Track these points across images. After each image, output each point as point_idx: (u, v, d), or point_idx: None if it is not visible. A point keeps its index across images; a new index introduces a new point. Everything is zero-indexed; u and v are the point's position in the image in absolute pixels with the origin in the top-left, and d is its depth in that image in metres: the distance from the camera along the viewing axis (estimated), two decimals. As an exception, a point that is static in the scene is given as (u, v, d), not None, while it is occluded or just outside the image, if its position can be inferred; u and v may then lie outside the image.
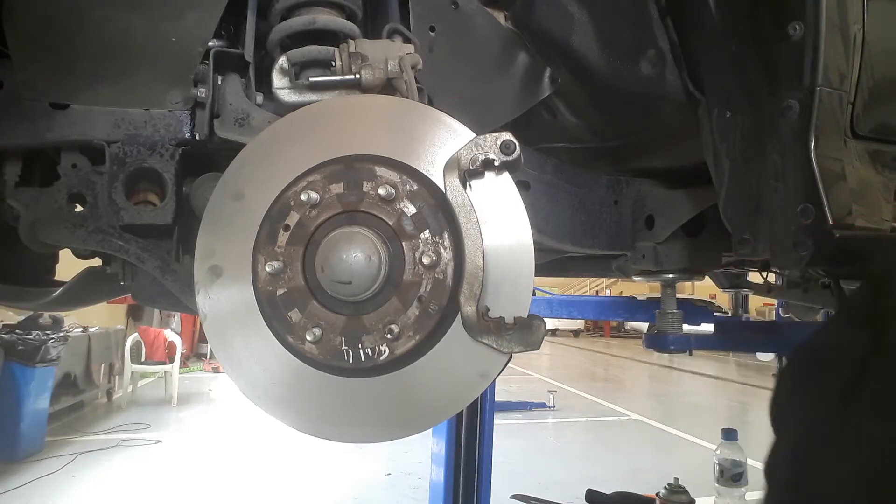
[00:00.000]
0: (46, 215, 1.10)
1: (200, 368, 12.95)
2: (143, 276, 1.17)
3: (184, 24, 1.05)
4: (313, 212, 0.91)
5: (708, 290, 7.39)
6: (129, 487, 5.81)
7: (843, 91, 1.12)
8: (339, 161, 0.92)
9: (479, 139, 0.91)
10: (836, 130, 1.13)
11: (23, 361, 6.51)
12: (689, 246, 1.89)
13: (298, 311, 0.91)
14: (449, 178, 0.89)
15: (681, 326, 2.64)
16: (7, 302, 1.59)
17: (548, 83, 1.40)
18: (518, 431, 7.92)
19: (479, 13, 1.31)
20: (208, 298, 0.91)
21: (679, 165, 1.69)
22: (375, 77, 0.98)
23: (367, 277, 0.87)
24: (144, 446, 7.20)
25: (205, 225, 0.93)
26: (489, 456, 3.55)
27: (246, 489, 5.87)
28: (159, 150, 1.09)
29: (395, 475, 6.28)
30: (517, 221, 0.93)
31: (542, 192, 1.65)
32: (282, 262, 0.90)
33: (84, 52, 1.06)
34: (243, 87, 1.08)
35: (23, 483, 5.70)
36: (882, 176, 1.21)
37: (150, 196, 1.12)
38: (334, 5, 1.12)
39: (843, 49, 1.12)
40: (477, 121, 1.15)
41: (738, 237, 1.21)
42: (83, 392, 8.72)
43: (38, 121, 1.08)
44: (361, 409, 0.92)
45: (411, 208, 0.92)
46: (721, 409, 10.62)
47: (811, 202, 1.08)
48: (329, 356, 0.91)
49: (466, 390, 0.91)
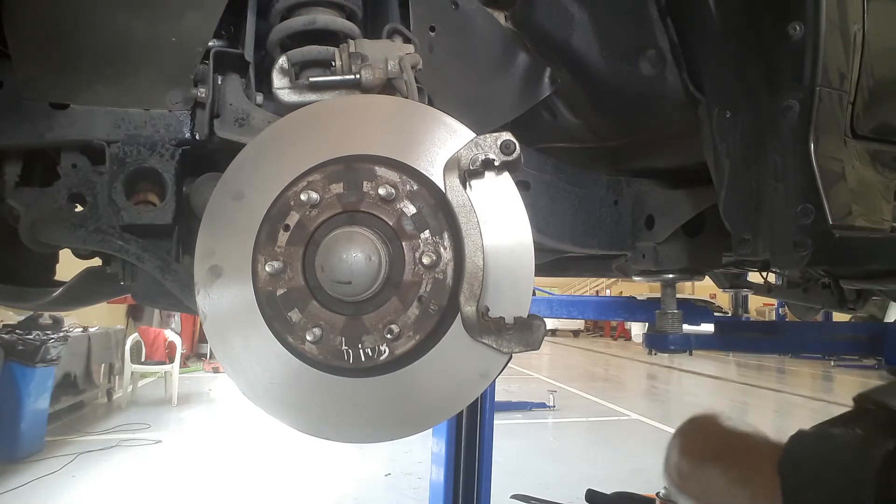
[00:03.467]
0: (46, 215, 1.10)
1: (200, 368, 12.95)
2: (143, 276, 1.17)
3: (184, 24, 1.05)
4: (313, 212, 0.91)
5: (708, 290, 7.39)
6: (129, 487, 5.81)
7: (843, 91, 1.12)
8: (339, 161, 0.92)
9: (480, 139, 0.91)
10: (836, 130, 1.13)
11: (23, 361, 6.51)
12: (689, 246, 1.89)
13: (298, 311, 0.91)
14: (449, 178, 0.89)
15: (681, 326, 2.64)
16: (7, 302, 1.59)
17: (548, 83, 1.40)
18: (518, 431, 7.92)
19: (479, 13, 1.31)
20: (208, 298, 0.91)
21: (679, 165, 1.69)
22: (375, 77, 0.98)
23: (367, 277, 0.87)
24: (144, 446, 7.20)
25: (205, 225, 0.92)
26: (489, 456, 3.55)
27: (246, 489, 5.87)
28: (159, 150, 1.09)
29: (395, 475, 6.28)
30: (517, 221, 0.93)
31: (542, 192, 1.65)
32: (282, 262, 0.90)
33: (84, 52, 1.06)
34: (243, 87, 1.08)
35: (23, 483, 5.70)
36: (882, 176, 1.21)
37: (150, 196, 1.11)
38: (334, 5, 1.12)
39: (843, 49, 1.12)
40: (477, 121, 1.15)
41: (738, 237, 1.21)
42: (83, 392, 8.72)
43: (38, 121, 1.07)
44: (361, 409, 0.92)
45: (411, 208, 0.92)
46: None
47: (811, 202, 1.08)
48: (329, 356, 0.91)
49: (466, 390, 0.91)
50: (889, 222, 1.18)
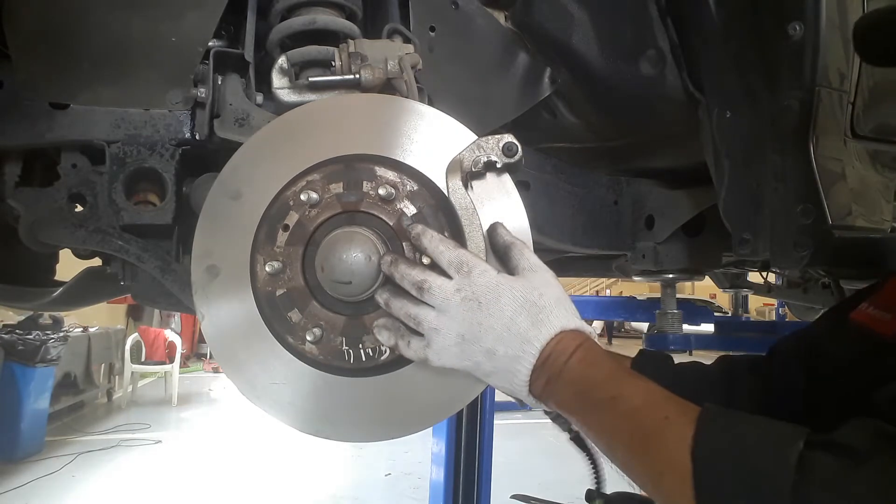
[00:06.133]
0: (46, 215, 1.10)
1: (200, 368, 12.94)
2: (143, 276, 1.17)
3: (184, 24, 1.05)
4: (313, 212, 0.91)
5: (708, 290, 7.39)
6: (129, 487, 5.81)
7: (843, 91, 1.12)
8: (339, 161, 0.92)
9: (482, 141, 0.91)
10: (836, 130, 1.13)
11: (23, 361, 6.50)
12: (689, 246, 1.89)
13: (298, 311, 0.91)
14: (451, 180, 0.89)
15: (681, 326, 2.64)
16: (7, 302, 1.59)
17: (548, 83, 1.40)
18: (518, 431, 7.91)
19: (479, 13, 1.31)
20: (206, 299, 0.91)
21: (679, 165, 1.69)
22: (375, 77, 0.98)
23: (367, 277, 0.87)
24: (144, 446, 7.20)
25: (202, 225, 0.92)
26: (489, 456, 3.55)
27: (246, 489, 5.87)
28: (159, 150, 1.09)
29: (395, 475, 6.28)
30: (517, 222, 0.93)
31: (542, 193, 1.65)
32: (281, 263, 0.90)
33: (84, 52, 1.06)
34: (243, 87, 1.08)
35: (23, 483, 5.70)
36: (882, 176, 1.21)
37: (150, 196, 1.11)
38: (334, 5, 1.12)
39: (843, 49, 1.12)
40: (477, 121, 1.15)
41: (738, 237, 1.21)
42: (83, 392, 8.71)
43: (38, 121, 1.07)
44: (362, 409, 0.92)
45: (411, 208, 0.92)
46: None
47: (811, 202, 1.08)
48: (329, 356, 0.91)
49: (466, 390, 0.91)
50: (889, 222, 1.18)
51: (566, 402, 0.82)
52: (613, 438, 0.80)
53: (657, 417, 0.75)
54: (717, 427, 0.72)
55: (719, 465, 0.68)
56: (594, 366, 0.82)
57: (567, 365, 0.81)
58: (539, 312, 0.82)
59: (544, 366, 0.81)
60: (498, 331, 0.81)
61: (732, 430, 0.71)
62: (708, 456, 0.69)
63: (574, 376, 0.81)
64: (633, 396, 0.78)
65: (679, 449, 0.70)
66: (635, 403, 0.77)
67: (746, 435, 0.70)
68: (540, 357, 0.81)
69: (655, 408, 0.76)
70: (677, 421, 0.73)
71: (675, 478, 0.70)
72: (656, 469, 0.73)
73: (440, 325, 0.82)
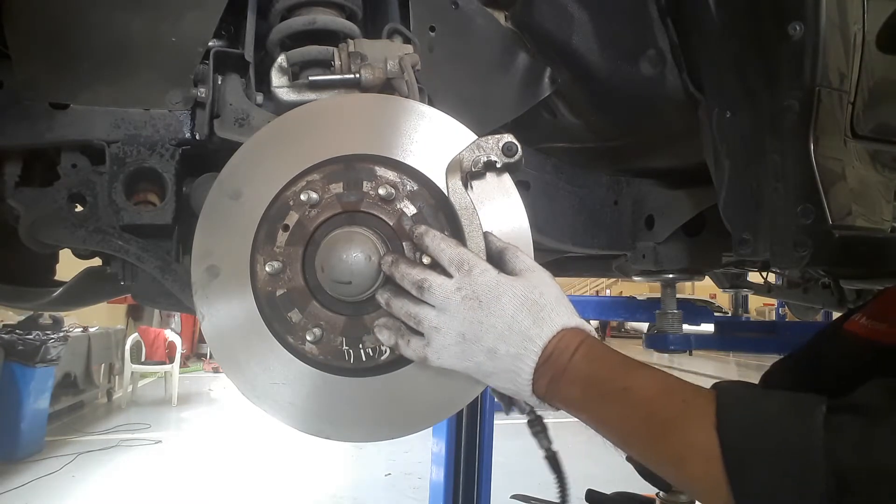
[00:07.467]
0: (46, 215, 1.10)
1: (200, 368, 12.94)
2: (143, 276, 1.17)
3: (184, 24, 1.05)
4: (313, 212, 0.91)
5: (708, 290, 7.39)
6: (129, 487, 5.81)
7: (843, 91, 1.12)
8: (339, 160, 0.92)
9: (482, 141, 0.91)
10: (836, 130, 1.12)
11: (23, 361, 6.51)
12: (689, 246, 1.89)
13: (298, 311, 0.91)
14: (451, 180, 0.89)
15: (681, 326, 2.64)
16: (7, 302, 1.59)
17: (548, 83, 1.40)
18: (518, 431, 7.92)
19: (479, 13, 1.31)
20: (206, 299, 0.91)
21: (679, 165, 1.69)
22: (375, 77, 0.98)
23: (367, 277, 0.87)
24: (144, 446, 7.21)
25: (202, 224, 0.92)
26: (489, 456, 3.55)
27: (246, 489, 5.87)
28: (159, 150, 1.09)
29: (395, 475, 6.28)
30: (517, 222, 0.93)
31: (542, 192, 1.65)
32: (281, 263, 0.90)
33: (84, 52, 1.06)
34: (243, 87, 1.08)
35: (23, 483, 5.70)
36: (882, 176, 1.20)
37: (150, 196, 1.11)
38: (334, 5, 1.12)
39: (843, 49, 1.12)
40: (477, 121, 1.15)
41: (738, 237, 1.21)
42: (83, 392, 8.72)
43: (38, 121, 1.07)
44: (362, 409, 0.92)
45: (411, 208, 0.92)
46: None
47: (811, 202, 1.08)
48: (330, 356, 0.91)
49: (466, 390, 0.91)
50: (889, 222, 1.18)
51: (573, 399, 0.82)
52: (629, 429, 0.80)
53: (675, 402, 0.75)
54: (739, 404, 0.73)
55: (749, 440, 0.69)
56: (599, 360, 0.82)
57: (571, 362, 0.81)
58: (540, 311, 0.82)
59: (547, 363, 0.82)
60: (499, 329, 0.81)
61: (753, 405, 0.72)
62: (735, 432, 0.70)
63: (580, 372, 0.81)
64: (645, 385, 0.78)
65: (703, 429, 0.71)
66: (649, 392, 0.78)
67: (768, 408, 0.71)
68: (542, 355, 0.81)
69: (671, 394, 0.77)
70: (695, 403, 0.74)
71: (700, 459, 0.71)
72: (679, 454, 0.74)
73: (440, 324, 0.82)
